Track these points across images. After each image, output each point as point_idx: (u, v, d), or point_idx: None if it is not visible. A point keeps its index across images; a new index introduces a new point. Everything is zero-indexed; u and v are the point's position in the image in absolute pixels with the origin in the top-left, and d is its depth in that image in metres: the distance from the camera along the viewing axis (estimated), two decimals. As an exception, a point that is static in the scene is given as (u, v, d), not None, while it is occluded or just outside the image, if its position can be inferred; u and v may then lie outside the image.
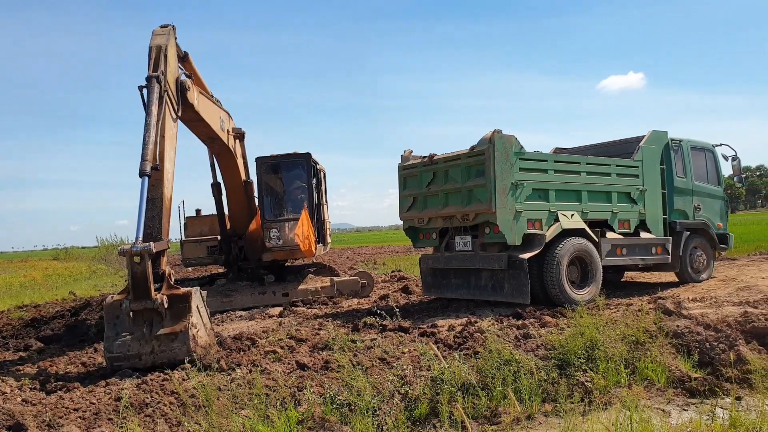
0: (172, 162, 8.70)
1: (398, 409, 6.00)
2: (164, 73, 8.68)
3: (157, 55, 8.81)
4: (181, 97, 9.35)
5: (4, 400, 6.37)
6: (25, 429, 5.25)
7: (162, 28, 9.30)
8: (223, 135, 12.40)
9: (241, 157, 13.67)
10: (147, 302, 7.25)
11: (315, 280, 14.38)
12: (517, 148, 10.63)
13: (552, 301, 10.65)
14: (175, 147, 8.97)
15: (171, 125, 8.80)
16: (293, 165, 14.05)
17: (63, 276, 31.75)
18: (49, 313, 13.58)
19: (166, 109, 8.65)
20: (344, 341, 8.13)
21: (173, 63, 9.12)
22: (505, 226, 10.42)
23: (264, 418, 5.63)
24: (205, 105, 10.95)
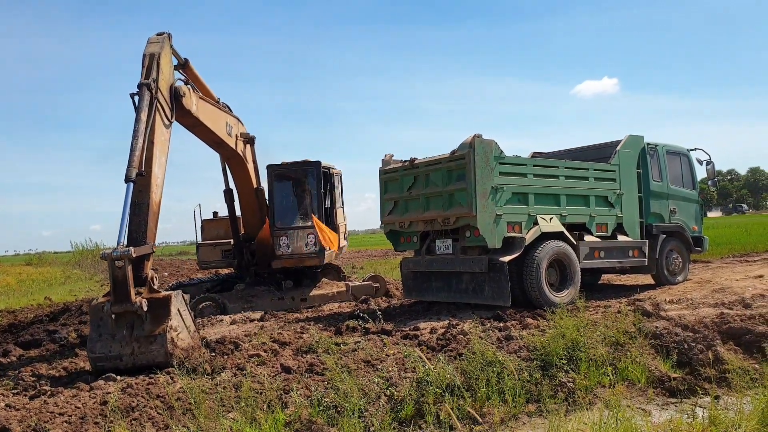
0: (162, 167, 8.79)
1: (384, 411, 6.06)
2: (156, 81, 8.77)
3: (150, 63, 8.91)
4: (176, 103, 9.43)
5: (-13, 405, 6.33)
6: (10, 433, 5.22)
7: (157, 36, 9.37)
8: (230, 140, 12.47)
9: (252, 162, 13.66)
10: (127, 305, 7.36)
11: (331, 285, 14.46)
12: (497, 153, 10.75)
13: (532, 304, 10.77)
14: (166, 153, 9.05)
15: (162, 131, 8.89)
16: (304, 173, 14.05)
17: (37, 281, 31.30)
18: (26, 318, 13.43)
19: (157, 115, 8.75)
20: (328, 344, 8.17)
21: (167, 70, 9.20)
22: (486, 229, 10.53)
23: (251, 421, 5.66)
24: (207, 110, 11.02)
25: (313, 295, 13.84)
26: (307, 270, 14.70)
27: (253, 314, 12.23)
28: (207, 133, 11.45)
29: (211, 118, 11.23)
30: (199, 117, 10.50)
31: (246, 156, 13.43)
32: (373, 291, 14.56)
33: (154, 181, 8.52)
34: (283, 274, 14.19)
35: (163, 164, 8.87)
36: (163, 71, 9.04)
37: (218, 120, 11.75)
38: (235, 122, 12.80)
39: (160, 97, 8.87)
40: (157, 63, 8.93)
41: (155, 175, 8.57)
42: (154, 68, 8.88)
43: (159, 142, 8.76)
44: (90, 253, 47.33)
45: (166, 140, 9.08)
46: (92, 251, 47.93)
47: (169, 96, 9.21)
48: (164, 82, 9.07)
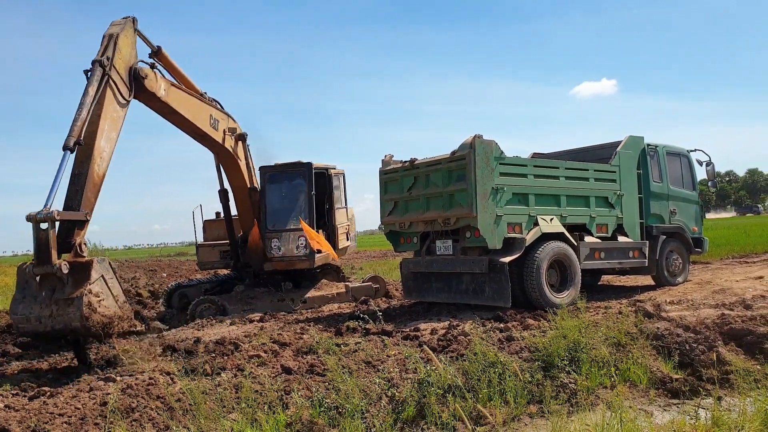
0: (110, 142, 8.95)
1: (386, 412, 6.04)
2: (110, 59, 9.02)
3: (108, 42, 9.20)
4: (137, 84, 9.68)
5: (-14, 405, 6.29)
6: (10, 434, 5.19)
7: (121, 20, 9.67)
8: (215, 134, 12.48)
9: (245, 161, 13.60)
10: (47, 267, 7.39)
11: (330, 286, 14.39)
12: (498, 153, 10.73)
13: (532, 304, 10.74)
14: (117, 129, 9.22)
15: (115, 108, 9.12)
16: (295, 175, 13.92)
17: (36, 282, 31.09)
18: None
19: (109, 92, 8.97)
20: (328, 345, 8.14)
21: (126, 51, 9.46)
22: (486, 230, 10.50)
23: (252, 422, 5.63)
24: (181, 98, 11.15)
25: (313, 297, 13.79)
26: (306, 271, 14.65)
27: (252, 315, 12.18)
28: (185, 123, 11.59)
29: (187, 106, 11.37)
30: (169, 102, 10.71)
31: (238, 154, 13.40)
32: (373, 292, 14.53)
33: (98, 154, 8.64)
34: (282, 275, 14.14)
35: (112, 139, 9.02)
36: (121, 51, 9.31)
37: (198, 111, 11.86)
38: (222, 117, 12.81)
39: (115, 75, 9.11)
40: (114, 42, 9.20)
41: (100, 147, 8.69)
42: (111, 47, 9.15)
43: (110, 117, 8.97)
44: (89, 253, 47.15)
45: (119, 117, 9.29)
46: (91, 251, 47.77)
47: (127, 75, 9.47)
48: (121, 62, 9.32)
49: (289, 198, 13.85)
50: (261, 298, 13.47)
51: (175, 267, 40.87)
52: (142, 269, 40.22)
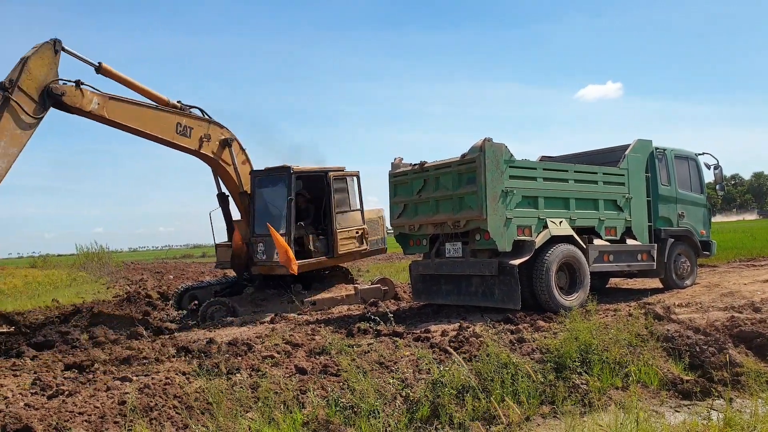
0: (8, 157, 9.68)
1: (400, 411, 6.11)
2: (13, 81, 9.87)
3: (17, 66, 10.06)
4: (54, 101, 10.44)
5: (6, 404, 6.38)
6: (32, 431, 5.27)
7: (40, 43, 10.38)
8: (185, 141, 12.73)
9: (232, 165, 13.67)
10: None
11: (340, 288, 14.43)
12: (507, 156, 10.80)
13: (541, 307, 10.81)
14: (17, 145, 9.88)
15: (13, 125, 9.80)
16: (278, 179, 13.88)
17: (43, 284, 31.32)
18: (37, 320, 13.48)
19: (9, 112, 9.74)
20: (341, 346, 8.21)
21: (37, 71, 10.20)
22: (496, 232, 10.57)
23: (269, 421, 5.71)
24: (122, 110, 11.66)
25: (322, 298, 13.86)
26: (315, 273, 14.73)
27: (264, 317, 12.28)
28: (139, 133, 12.02)
29: (134, 117, 11.86)
30: (105, 115, 11.27)
31: (224, 159, 13.56)
32: (382, 294, 14.59)
33: None
34: (292, 277, 14.20)
35: (10, 155, 9.73)
36: (31, 72, 10.11)
37: (154, 120, 12.20)
38: (197, 124, 12.99)
39: (19, 96, 9.87)
40: (23, 65, 10.03)
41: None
42: (18, 69, 9.99)
43: (9, 135, 9.71)
44: (95, 255, 47.40)
45: (23, 134, 9.95)
46: (97, 254, 48.04)
47: (38, 94, 10.20)
48: (31, 82, 10.09)
49: (276, 203, 13.82)
50: (271, 299, 13.55)
51: (181, 269, 41.10)
52: (149, 271, 40.51)
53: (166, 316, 13.75)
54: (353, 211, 14.79)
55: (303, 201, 14.75)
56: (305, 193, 14.88)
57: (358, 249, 14.72)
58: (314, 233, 14.12)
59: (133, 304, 15.19)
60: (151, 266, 51.74)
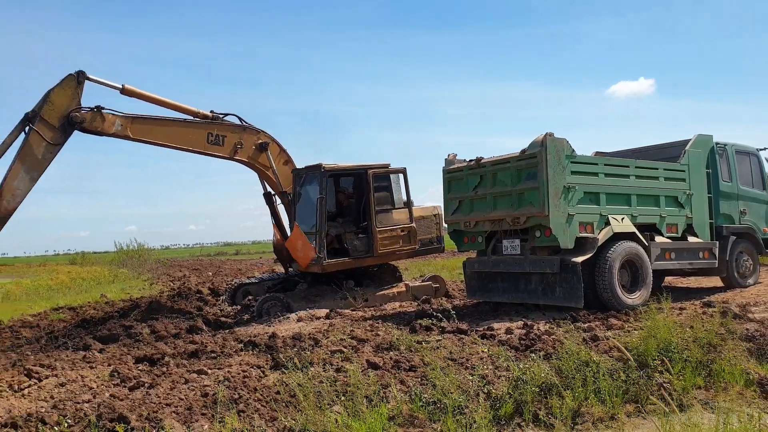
0: (25, 181, 10.44)
1: (484, 408, 6.02)
2: (36, 112, 10.59)
3: (41, 99, 10.75)
4: (80, 128, 11.12)
5: (93, 395, 6.44)
6: (128, 421, 5.29)
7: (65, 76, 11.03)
8: (217, 149, 13.06)
9: (270, 167, 13.77)
10: None
11: (392, 285, 14.40)
12: (569, 152, 10.66)
13: (603, 305, 10.65)
14: (38, 169, 10.60)
15: (35, 152, 10.55)
16: (312, 177, 13.89)
17: (87, 280, 31.79)
18: (97, 314, 13.67)
19: (31, 140, 10.49)
20: (409, 342, 8.16)
21: (59, 102, 10.87)
22: (558, 229, 10.43)
23: (355, 414, 5.66)
24: (147, 129, 12.16)
25: (375, 295, 13.83)
26: (365, 270, 14.69)
27: (318, 312, 12.27)
28: (170, 147, 12.57)
29: (160, 134, 12.35)
30: (129, 135, 11.88)
31: (262, 162, 13.77)
32: (433, 291, 14.49)
33: (8, 190, 10.23)
34: (343, 274, 14.19)
35: (27, 179, 10.46)
36: (53, 103, 10.80)
37: (183, 134, 12.67)
38: (231, 131, 13.24)
39: (40, 125, 10.58)
40: (46, 97, 10.72)
41: (12, 187, 10.27)
42: (41, 102, 10.69)
43: (29, 161, 10.47)
44: (135, 252, 48.04)
45: (41, 160, 10.65)
46: (137, 251, 48.70)
47: (60, 122, 10.85)
48: (52, 112, 10.77)
49: (312, 200, 13.83)
50: (324, 295, 13.54)
51: (217, 266, 41.47)
52: (186, 268, 40.89)
53: (219, 311, 13.82)
54: (398, 209, 14.50)
55: (344, 198, 14.72)
56: (347, 190, 14.85)
57: (403, 248, 14.42)
58: (353, 232, 14.04)
59: (185, 300, 15.31)
60: (187, 263, 52.24)
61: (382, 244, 13.75)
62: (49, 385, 7.06)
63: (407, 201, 14.39)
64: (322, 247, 12.91)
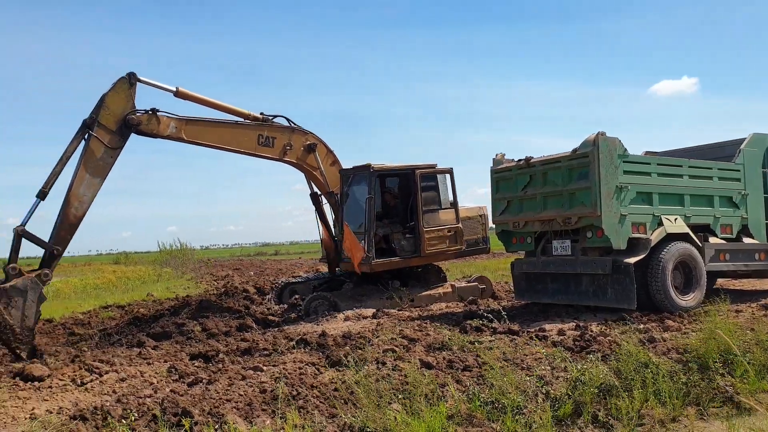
0: (90, 187, 10.53)
1: (543, 408, 5.96)
2: (93, 117, 10.65)
3: (97, 103, 10.83)
4: (136, 130, 11.22)
5: (155, 390, 6.54)
6: (192, 416, 5.36)
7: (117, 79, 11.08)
8: (267, 151, 13.17)
9: (318, 168, 13.86)
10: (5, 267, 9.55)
11: (437, 285, 14.41)
12: (621, 151, 10.49)
13: (656, 307, 10.47)
14: (101, 174, 10.70)
15: (96, 158, 10.63)
16: (360, 178, 13.94)
17: (132, 279, 32.38)
18: (148, 313, 13.90)
19: (92, 146, 10.56)
20: (462, 342, 8.13)
21: (114, 106, 10.92)
22: (611, 230, 10.28)
23: (413, 413, 5.65)
24: (200, 131, 12.28)
25: (421, 295, 13.82)
26: (410, 270, 14.68)
27: (364, 311, 12.30)
28: (222, 149, 12.69)
29: (212, 136, 12.47)
30: (183, 137, 11.98)
31: (310, 163, 13.86)
32: (480, 292, 14.42)
33: (75, 199, 10.32)
34: (389, 274, 14.19)
35: (94, 184, 10.56)
36: (108, 107, 10.85)
37: (235, 136, 12.77)
38: (280, 133, 13.32)
39: (99, 131, 10.65)
40: (101, 102, 10.80)
41: (78, 194, 10.36)
42: (97, 107, 10.77)
43: (91, 167, 10.55)
44: (177, 252, 48.79)
45: (106, 164, 10.77)
46: (179, 251, 49.46)
47: (117, 126, 10.92)
48: (109, 117, 10.83)
49: (360, 201, 13.85)
50: (370, 295, 13.58)
51: (257, 266, 41.93)
52: (228, 268, 41.42)
53: (267, 310, 13.95)
54: (444, 209, 14.47)
55: (391, 199, 14.72)
56: (393, 190, 14.85)
57: (450, 248, 14.38)
58: (401, 232, 14.04)
59: (232, 298, 15.49)
60: (228, 263, 52.93)
61: (429, 244, 13.73)
62: (110, 380, 7.22)
63: (454, 201, 14.35)
64: (370, 247, 12.94)
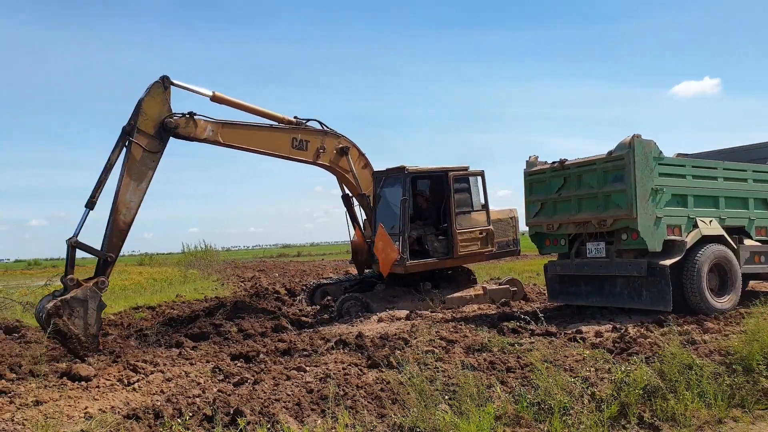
0: (136, 192, 10.65)
1: (589, 409, 6.00)
2: (132, 124, 10.70)
3: (134, 110, 10.86)
4: (174, 133, 11.24)
5: (203, 390, 6.66)
6: (244, 415, 5.46)
7: (151, 84, 11.06)
8: (301, 154, 13.23)
9: (351, 171, 13.97)
10: (62, 277, 9.81)
11: (469, 288, 14.46)
12: (656, 153, 10.50)
13: (691, 309, 10.44)
14: (145, 180, 10.77)
15: (138, 164, 10.71)
16: (394, 179, 14.02)
17: (159, 280, 32.63)
18: (183, 313, 14.06)
19: (133, 152, 10.62)
20: (502, 344, 8.18)
21: (151, 111, 10.95)
22: (646, 232, 10.28)
23: (461, 414, 5.71)
24: (236, 134, 12.32)
25: (452, 297, 13.87)
26: (440, 272, 14.72)
27: (397, 313, 12.37)
28: (257, 152, 12.71)
29: (248, 139, 12.51)
30: (220, 140, 12.02)
31: (342, 166, 13.93)
32: (511, 294, 14.43)
33: (123, 206, 10.46)
34: (420, 276, 14.25)
35: (139, 190, 10.67)
36: (146, 113, 10.87)
37: (269, 140, 12.81)
38: (313, 136, 13.37)
39: (139, 137, 10.71)
40: (138, 108, 10.83)
41: (126, 200, 10.50)
42: (135, 113, 10.80)
43: (135, 173, 10.65)
44: (202, 253, 49.10)
45: (149, 168, 10.85)
46: (204, 252, 49.77)
47: (156, 130, 10.95)
48: (148, 122, 10.86)
49: (394, 203, 13.91)
50: (402, 296, 13.65)
51: (281, 267, 42.12)
52: (252, 269, 41.67)
53: (299, 311, 14.07)
54: (476, 211, 14.53)
55: (423, 201, 14.78)
56: (425, 192, 14.91)
57: (482, 250, 14.45)
58: (434, 233, 14.10)
59: (263, 299, 15.64)
60: (251, 264, 53.19)
61: (462, 246, 13.80)
62: (157, 380, 7.34)
63: (485, 203, 14.39)
64: (405, 248, 13.01)
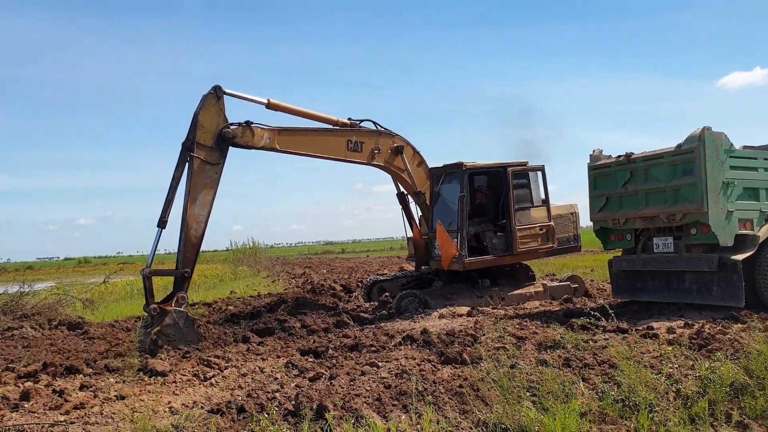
0: (204, 206, 10.85)
1: (675, 406, 5.88)
2: (192, 140, 10.79)
3: (191, 124, 10.94)
4: (232, 143, 11.33)
5: (281, 385, 6.70)
6: (328, 410, 5.48)
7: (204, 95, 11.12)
8: (356, 156, 13.24)
9: (406, 170, 13.93)
10: (145, 308, 10.23)
11: (529, 285, 14.34)
12: (728, 146, 10.22)
13: (764, 305, 10.16)
14: (213, 190, 11.02)
15: (203, 177, 10.89)
16: (452, 176, 13.92)
17: (210, 277, 33.17)
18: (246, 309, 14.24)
19: (196, 167, 10.78)
20: (576, 340, 8.06)
21: (208, 123, 11.02)
22: (717, 226, 10.02)
23: (544, 410, 5.64)
24: (292, 141, 12.36)
25: (512, 294, 13.72)
26: (498, 269, 14.58)
27: (458, 310, 12.29)
28: (313, 156, 12.78)
29: (304, 144, 12.56)
30: (277, 147, 12.07)
31: (397, 165, 13.91)
32: (572, 291, 14.22)
33: (192, 221, 10.67)
34: (478, 272, 14.14)
35: (206, 203, 10.86)
36: (203, 126, 10.94)
37: (325, 144, 12.88)
38: (368, 137, 13.37)
39: (199, 151, 10.83)
40: (195, 122, 10.89)
41: (194, 215, 10.70)
42: (193, 128, 10.87)
43: (200, 186, 10.83)
44: (250, 250, 49.67)
45: (213, 180, 11.03)
46: (252, 249, 50.35)
47: (215, 142, 11.06)
48: (206, 135, 10.96)
49: (451, 199, 13.78)
50: (460, 293, 13.55)
51: (327, 264, 42.42)
52: (300, 266, 42.02)
53: (357, 307, 14.10)
54: (536, 207, 14.29)
55: (482, 197, 14.64)
56: (484, 189, 14.77)
57: (542, 247, 14.22)
58: (492, 230, 13.96)
59: (320, 296, 15.72)
60: (297, 261, 53.68)
61: (521, 242, 13.60)
62: (232, 375, 7.42)
63: (545, 199, 14.16)
64: (463, 245, 12.91)
